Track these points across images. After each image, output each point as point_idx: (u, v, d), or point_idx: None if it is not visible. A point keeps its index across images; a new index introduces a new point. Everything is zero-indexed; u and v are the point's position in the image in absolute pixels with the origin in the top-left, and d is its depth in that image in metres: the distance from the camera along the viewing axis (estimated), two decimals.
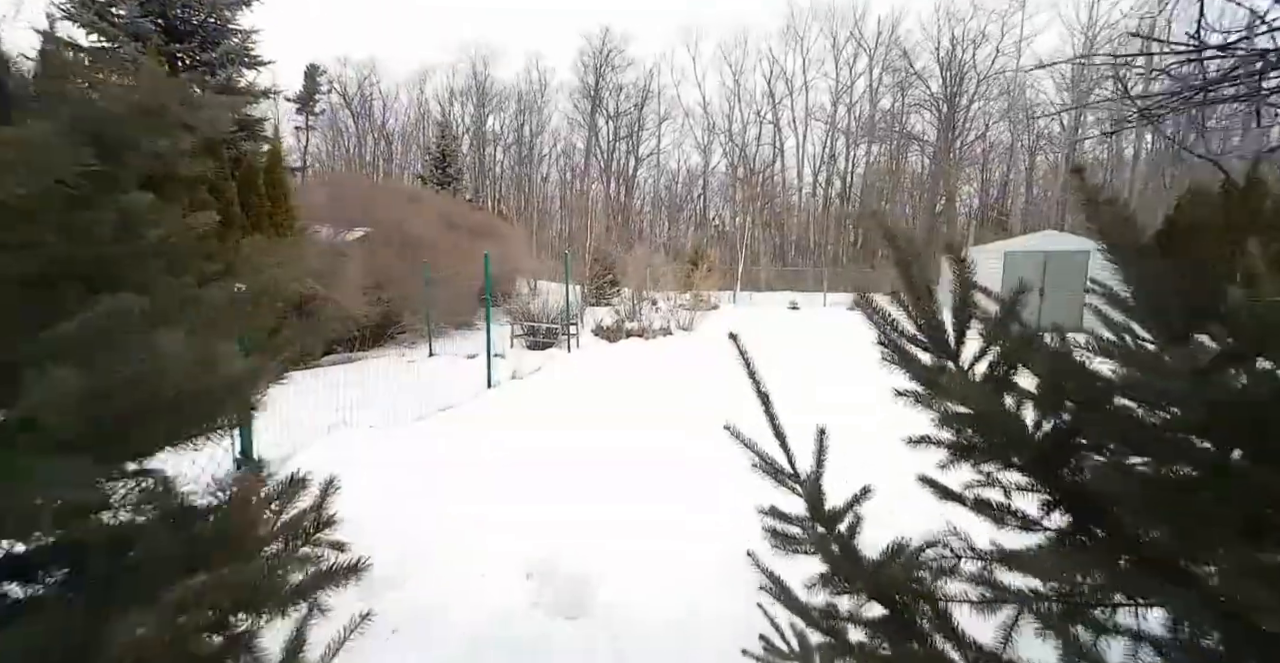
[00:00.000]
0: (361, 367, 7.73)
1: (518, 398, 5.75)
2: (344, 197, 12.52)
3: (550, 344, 10.36)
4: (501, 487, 3.14)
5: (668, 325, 12.78)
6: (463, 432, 4.21)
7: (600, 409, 5.20)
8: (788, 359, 8.59)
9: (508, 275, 15.59)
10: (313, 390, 4.89)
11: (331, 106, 34.21)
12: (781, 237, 35.17)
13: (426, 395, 5.63)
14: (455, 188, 20.07)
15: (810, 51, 37.40)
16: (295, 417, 3.97)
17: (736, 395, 5.20)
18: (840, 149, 37.27)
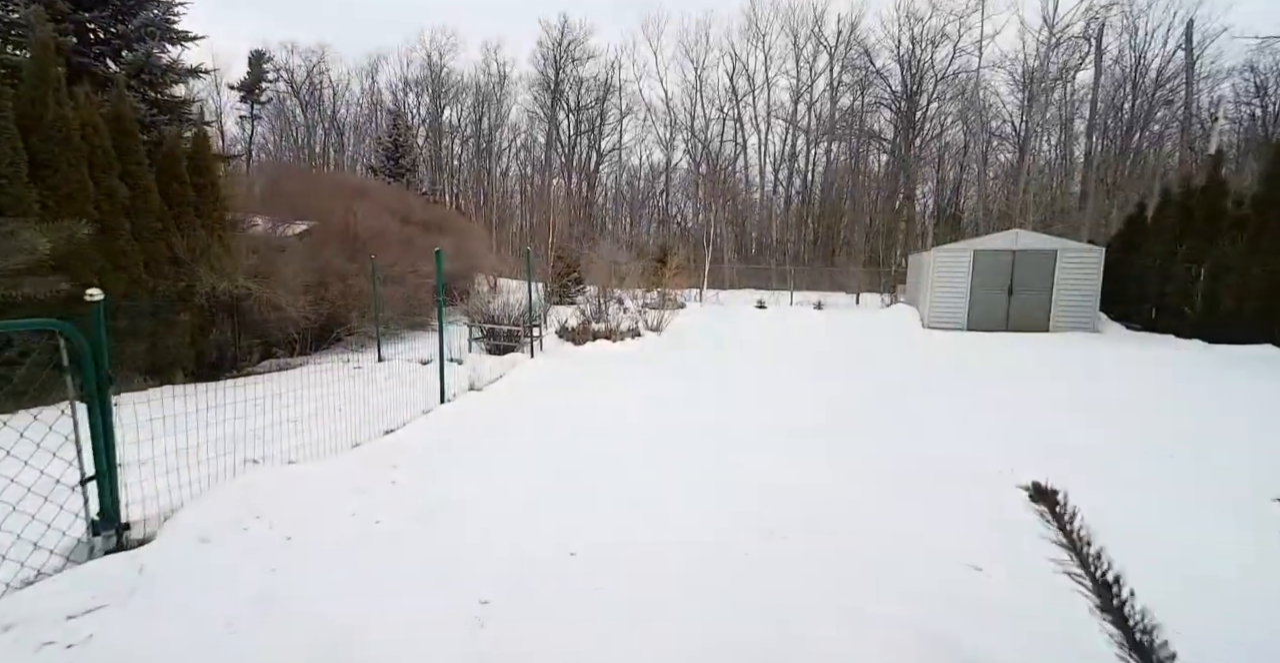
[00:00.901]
0: (299, 375, 7.13)
1: (475, 417, 5.35)
2: (285, 188, 11.70)
3: (512, 347, 9.92)
4: (437, 573, 2.39)
5: (636, 326, 12.50)
6: (405, 469, 3.75)
7: (572, 434, 4.84)
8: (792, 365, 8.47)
9: (465, 273, 14.97)
10: (233, 406, 4.38)
11: (279, 95, 32.36)
12: (744, 234, 35.46)
13: (370, 412, 5.18)
14: (409, 180, 19.18)
15: (772, 49, 37.85)
16: (206, 443, 3.49)
17: (725, 409, 4.94)
18: (801, 147, 37.91)
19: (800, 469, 3.90)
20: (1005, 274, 12.40)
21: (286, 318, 8.33)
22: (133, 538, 2.48)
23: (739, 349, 11.08)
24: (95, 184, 6.40)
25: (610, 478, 3.70)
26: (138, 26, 7.92)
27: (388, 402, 5.69)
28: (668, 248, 21.41)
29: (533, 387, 6.99)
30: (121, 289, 6.58)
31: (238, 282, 7.64)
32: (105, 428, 2.33)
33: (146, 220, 6.97)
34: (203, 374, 7.76)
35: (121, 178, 6.72)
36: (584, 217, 32.05)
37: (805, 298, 21.62)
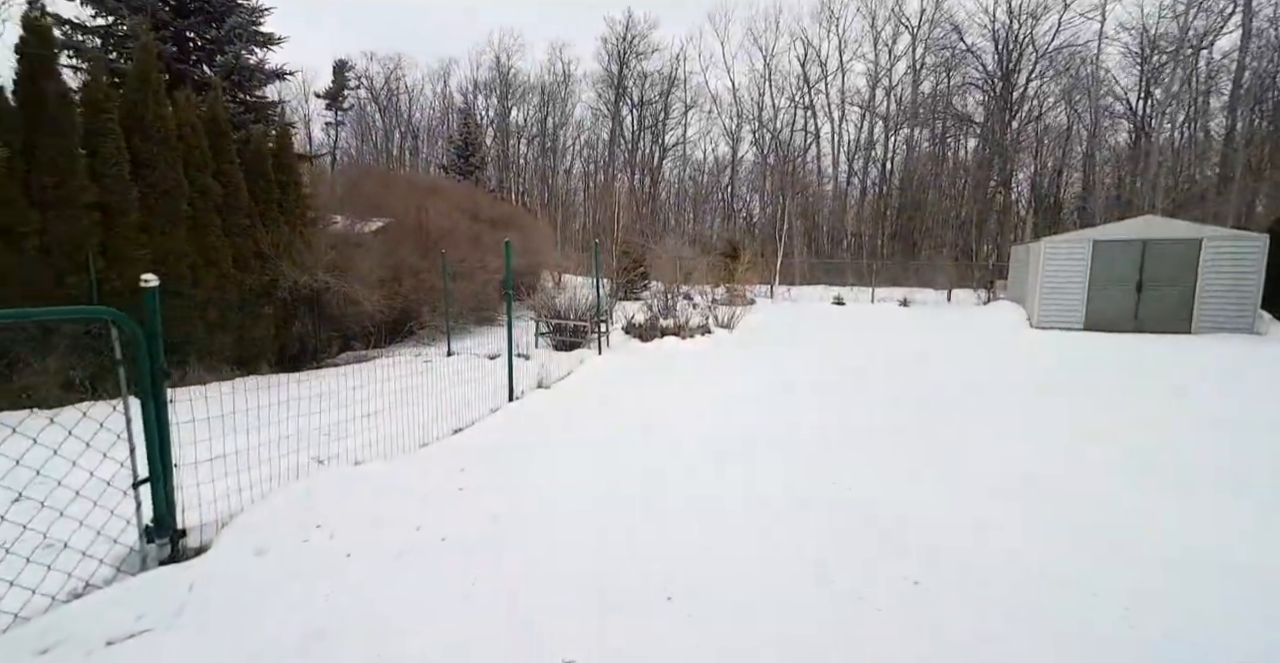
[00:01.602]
0: (373, 368, 7.17)
1: (543, 417, 5.06)
2: (363, 187, 12.10)
3: (578, 343, 9.69)
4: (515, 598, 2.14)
5: (706, 323, 11.97)
6: (472, 474, 3.48)
7: (645, 438, 4.46)
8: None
9: (531, 268, 14.99)
10: (308, 401, 4.29)
11: (359, 102, 34.31)
12: (816, 228, 33.84)
13: (438, 409, 5.01)
14: (478, 178, 19.58)
15: (847, 32, 35.95)
16: (277, 440, 3.35)
17: (808, 412, 4.29)
18: (879, 135, 35.74)
19: (911, 486, 3.28)
20: (1133, 267, 10.82)
21: (362, 312, 8.48)
22: (189, 546, 2.29)
23: (818, 348, 10.30)
24: (190, 182, 6.67)
25: (693, 493, 3.25)
26: (227, 30, 8.28)
27: (456, 398, 5.54)
28: (737, 242, 20.65)
29: (601, 385, 6.66)
30: (212, 283, 6.84)
31: (317, 276, 7.83)
32: (160, 426, 2.14)
33: (236, 217, 7.23)
34: (285, 365, 8.04)
35: (214, 176, 7.00)
36: (648, 212, 31.74)
37: (887, 294, 20.19)
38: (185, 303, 6.50)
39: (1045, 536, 2.73)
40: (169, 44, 7.97)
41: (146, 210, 6.20)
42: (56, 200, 5.40)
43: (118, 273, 5.85)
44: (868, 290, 21.08)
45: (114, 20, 7.71)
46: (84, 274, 5.56)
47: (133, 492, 2.09)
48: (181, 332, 6.43)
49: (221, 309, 6.95)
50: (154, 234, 6.25)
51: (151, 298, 2.12)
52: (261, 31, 9.08)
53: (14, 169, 5.16)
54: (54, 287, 5.37)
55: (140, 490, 2.11)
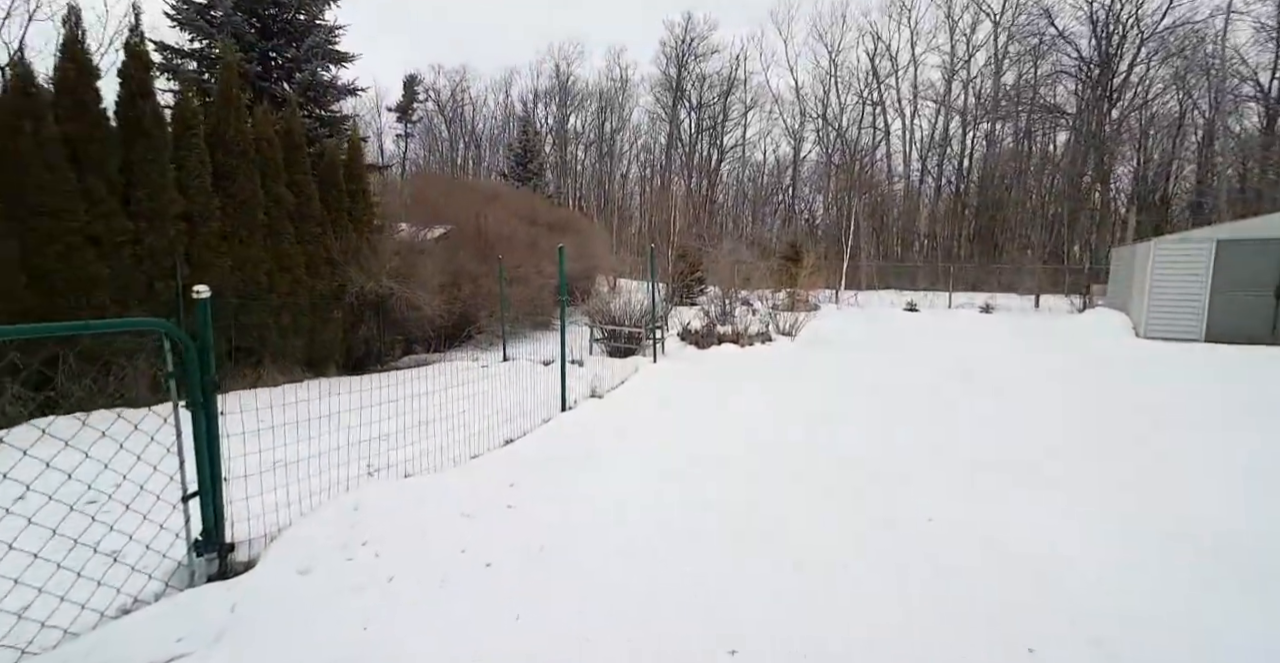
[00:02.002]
0: (432, 373, 7.30)
1: (596, 429, 4.92)
2: (428, 195, 12.55)
3: (633, 350, 9.54)
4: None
5: (766, 329, 11.55)
6: (522, 489, 3.37)
7: (702, 454, 4.24)
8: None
9: (587, 273, 15.06)
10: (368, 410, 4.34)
11: (428, 114, 36.04)
12: (885, 229, 32.26)
13: (491, 417, 4.99)
14: (536, 184, 19.99)
15: (919, 23, 34.16)
16: (333, 450, 3.36)
17: (882, 432, 3.86)
18: (955, 130, 33.72)
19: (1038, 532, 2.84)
20: (1271, 271, 9.47)
21: (423, 316, 8.71)
22: (238, 560, 2.28)
23: (889, 357, 9.65)
24: (265, 192, 7.06)
25: (764, 525, 2.97)
26: (305, 49, 8.75)
27: (510, 406, 5.51)
28: (799, 245, 19.95)
29: (656, 395, 6.45)
30: (285, 288, 7.20)
31: (382, 282, 8.11)
32: (210, 439, 2.13)
33: (308, 225, 7.59)
34: (351, 367, 8.36)
35: (288, 186, 7.38)
36: (705, 215, 31.38)
37: (967, 300, 18.89)
38: (261, 307, 6.86)
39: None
40: (254, 64, 8.55)
41: (226, 219, 6.59)
42: (149, 212, 5.82)
43: (200, 279, 6.23)
44: (943, 295, 19.81)
45: (207, 43, 8.34)
46: (171, 280, 5.96)
47: (182, 505, 2.08)
48: (256, 335, 6.80)
49: (294, 313, 7.30)
50: (233, 242, 6.63)
51: (204, 309, 2.11)
52: (336, 50, 9.58)
53: (114, 184, 5.60)
54: (145, 292, 5.78)
55: (189, 504, 2.09)
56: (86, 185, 5.40)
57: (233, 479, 2.44)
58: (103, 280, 5.45)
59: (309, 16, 9.10)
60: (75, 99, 5.39)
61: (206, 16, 8.27)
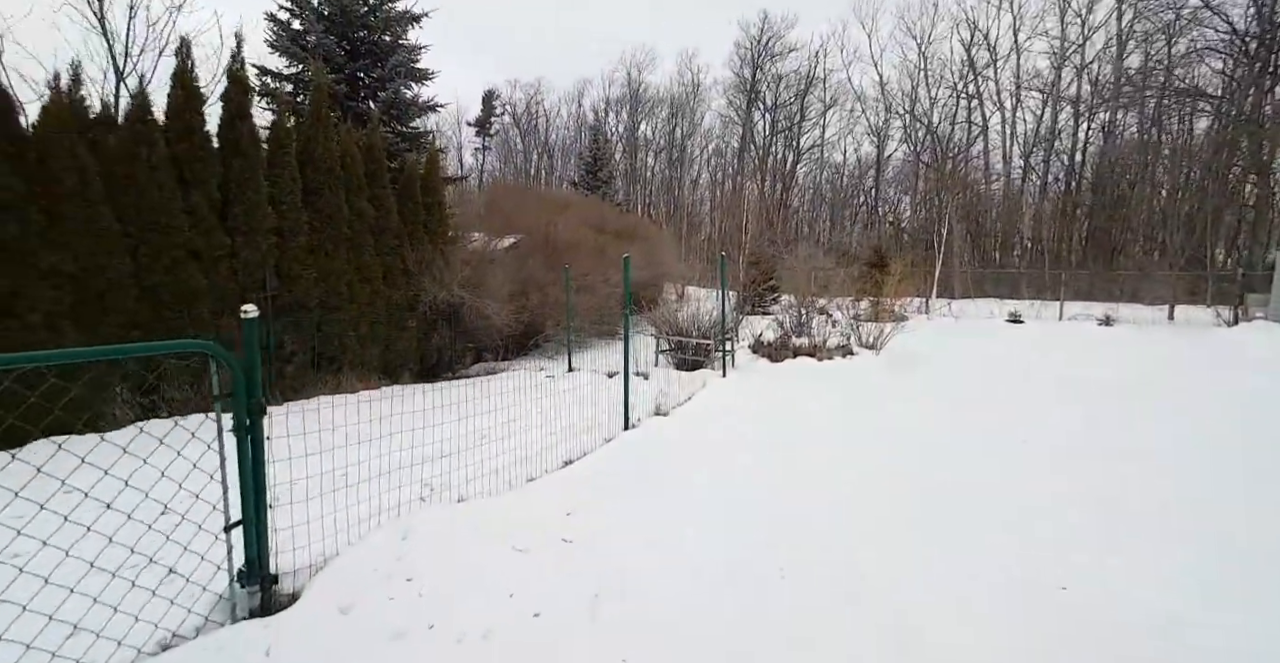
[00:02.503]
0: (498, 381, 7.33)
1: (661, 451, 4.63)
2: (500, 205, 12.91)
3: (701, 363, 9.20)
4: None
5: (847, 342, 10.81)
6: (579, 518, 3.14)
7: (783, 484, 3.85)
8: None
9: (654, 281, 14.89)
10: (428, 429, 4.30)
11: (504, 127, 37.66)
12: (981, 232, 29.79)
13: (552, 433, 4.85)
14: (604, 192, 20.18)
15: (1023, 8, 31.42)
16: (390, 471, 3.30)
17: (997, 466, 3.13)
18: (1065, 122, 30.64)
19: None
20: None
21: (491, 325, 8.84)
22: (282, 592, 2.19)
23: (993, 374, 8.69)
24: (349, 206, 7.41)
25: (854, 574, 2.56)
26: (389, 68, 9.19)
27: (571, 422, 5.37)
28: (884, 250, 18.78)
29: (726, 413, 6.08)
30: (365, 298, 7.51)
31: (453, 291, 8.31)
32: (255, 465, 2.06)
33: (386, 237, 7.91)
34: (424, 375, 8.62)
35: (369, 200, 7.72)
36: (779, 220, 30.43)
37: (1082, 310, 16.93)
38: (342, 317, 7.18)
39: None
40: (342, 84, 9.11)
41: (313, 233, 6.96)
42: (244, 227, 6.23)
43: (288, 290, 6.61)
44: (1053, 305, 17.84)
45: (302, 68, 8.97)
46: (262, 292, 6.34)
47: (224, 535, 2.01)
48: (337, 343, 7.12)
49: (372, 323, 7.61)
50: (319, 255, 6.99)
51: (250, 328, 2.05)
52: (417, 68, 10.04)
53: (214, 201, 6.04)
54: (238, 303, 6.15)
55: (232, 534, 2.02)
56: (191, 203, 5.86)
57: (289, 504, 2.39)
58: (203, 292, 5.86)
59: (393, 37, 9.59)
60: (184, 123, 5.87)
61: (301, 42, 8.90)
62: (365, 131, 7.96)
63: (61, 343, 4.83)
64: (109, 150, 5.32)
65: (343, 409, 4.20)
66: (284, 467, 2.67)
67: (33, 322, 4.69)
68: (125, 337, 5.26)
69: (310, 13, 8.89)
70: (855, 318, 14.34)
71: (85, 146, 5.09)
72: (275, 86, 8.97)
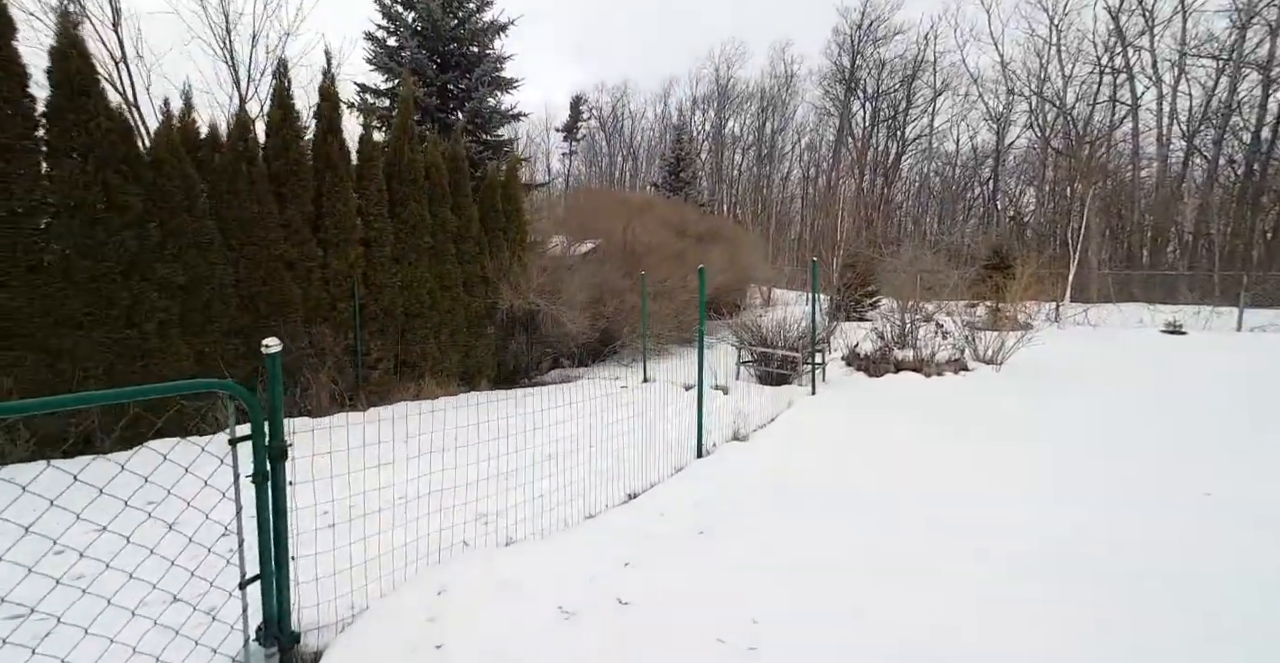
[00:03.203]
0: (571, 391, 7.17)
1: (737, 486, 4.15)
2: (581, 210, 12.92)
3: (787, 377, 8.53)
4: None
5: (960, 355, 9.61)
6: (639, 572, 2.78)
7: (897, 538, 3.24)
8: None
9: (737, 285, 14.26)
10: (493, 441, 4.14)
11: (590, 131, 38.37)
12: (1126, 227, 25.93)
13: (620, 454, 4.53)
14: (687, 193, 19.76)
15: None
16: (443, 510, 3.12)
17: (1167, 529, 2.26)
18: (1246, 93, 25.76)
19: None
20: None
21: (567, 333, 8.75)
22: (305, 651, 2.02)
23: (1154, 399, 7.20)
24: (432, 216, 7.59)
25: None
26: (475, 78, 9.38)
27: (642, 439, 5.05)
28: (1006, 250, 16.83)
29: (814, 440, 5.45)
30: (446, 306, 7.66)
31: (529, 299, 8.29)
32: (276, 514, 1.89)
33: (467, 245, 8.03)
34: (502, 381, 8.70)
35: (452, 209, 7.88)
36: (880, 216, 28.38)
37: (1268, 318, 14.15)
38: (424, 324, 7.36)
39: None
40: (433, 96, 9.44)
41: (398, 243, 7.17)
42: (335, 239, 6.51)
43: (374, 298, 6.84)
44: (1225, 312, 14.99)
45: (397, 82, 9.38)
46: (350, 300, 6.60)
47: (239, 592, 1.85)
48: (419, 350, 7.29)
49: (452, 330, 7.75)
50: (403, 264, 7.20)
51: (274, 364, 1.88)
52: (502, 77, 10.21)
53: (307, 214, 6.35)
54: (329, 311, 6.46)
55: (248, 590, 1.86)
56: (287, 216, 6.19)
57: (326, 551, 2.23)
58: (297, 301, 6.18)
59: (480, 48, 9.79)
60: (280, 140, 6.22)
61: (397, 58, 9.32)
62: (449, 142, 8.13)
63: (172, 349, 5.23)
64: (214, 168, 5.71)
65: (416, 418, 4.13)
66: (341, 483, 2.54)
67: (148, 330, 5.10)
68: (227, 344, 5.62)
69: (405, 29, 9.28)
70: (970, 326, 12.83)
71: (193, 165, 5.49)
72: (374, 102, 9.48)
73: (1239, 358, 10.31)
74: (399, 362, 7.08)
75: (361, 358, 6.66)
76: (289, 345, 5.99)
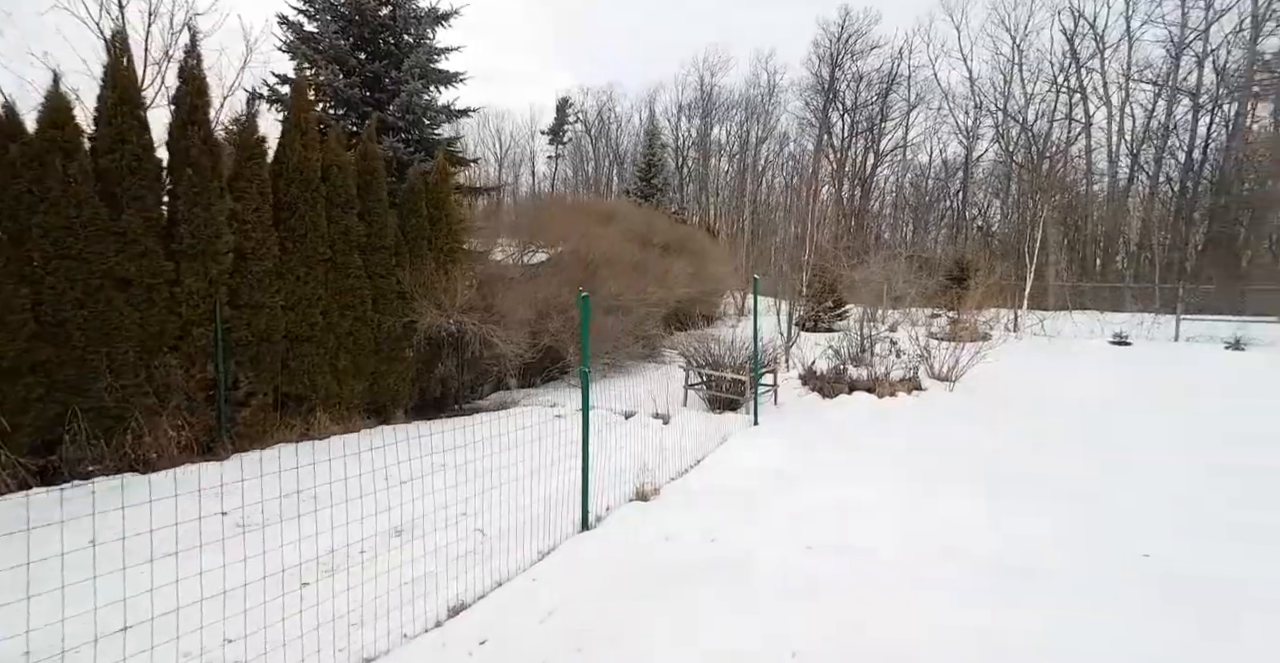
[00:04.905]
0: (495, 423, 5.59)
1: (621, 577, 2.73)
2: (538, 218, 11.32)
3: (737, 402, 7.08)
4: None
5: (913, 374, 8.24)
6: None
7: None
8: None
9: (704, 296, 12.77)
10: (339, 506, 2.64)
11: (576, 135, 36.31)
12: (1080, 238, 24.72)
13: (496, 524, 3.12)
14: (659, 200, 18.12)
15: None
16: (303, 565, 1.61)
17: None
18: (1183, 116, 24.78)
19: None
20: None
21: (499, 354, 7.20)
22: None
23: (1098, 426, 6.00)
24: (333, 223, 5.99)
25: None
26: (407, 70, 7.73)
27: (544, 495, 3.68)
28: (966, 261, 15.48)
29: (737, 498, 4.00)
30: (346, 327, 6.09)
31: (453, 317, 6.72)
32: None
33: (380, 256, 6.46)
34: (426, 410, 7.14)
35: (360, 216, 6.28)
36: (856, 226, 26.97)
37: (1204, 330, 13.03)
38: (315, 349, 5.78)
39: None
40: (358, 88, 7.76)
41: (284, 255, 5.58)
42: (192, 250, 4.90)
43: (246, 320, 5.25)
44: (1164, 322, 13.84)
45: (316, 72, 7.69)
46: (210, 324, 5.01)
47: None
48: (306, 380, 5.72)
49: (355, 355, 6.18)
50: (288, 279, 5.61)
51: None
52: (443, 70, 8.55)
53: (152, 220, 4.74)
54: (179, 338, 4.87)
55: None
56: (123, 223, 4.58)
57: None
58: (130, 327, 4.58)
59: (414, 37, 8.13)
60: (115, 130, 4.59)
61: (314, 45, 7.64)
62: (363, 140, 6.52)
63: None
64: (7, 162, 4.09)
65: (280, 468, 2.67)
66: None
67: None
68: (16, 384, 4.03)
69: (325, 13, 7.59)
70: (932, 335, 11.47)
71: None
72: (284, 94, 7.79)
73: (1174, 371, 9.41)
74: (280, 395, 5.50)
75: (226, 393, 5.08)
76: (111, 383, 4.41)
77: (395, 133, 7.75)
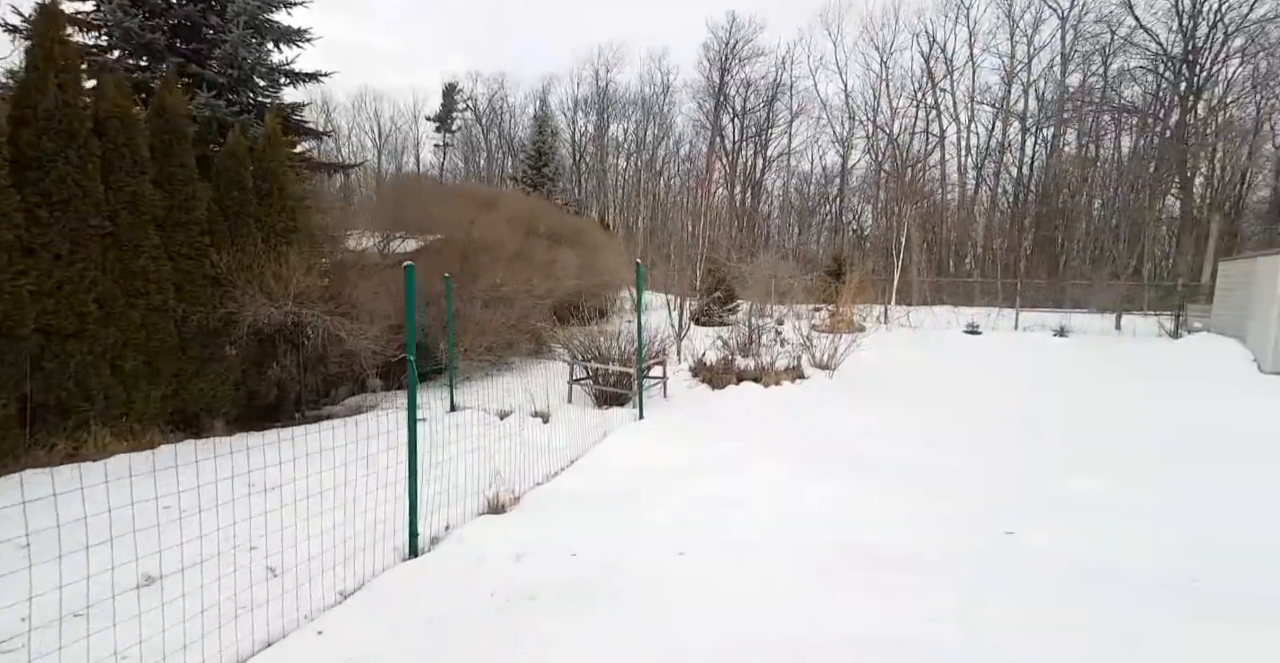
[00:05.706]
0: (340, 432, 4.82)
1: (455, 614, 2.33)
2: (405, 202, 10.35)
3: (624, 396, 6.90)
4: None
5: (798, 363, 8.65)
6: None
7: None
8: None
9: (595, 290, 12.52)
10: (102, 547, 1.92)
11: (466, 123, 34.41)
12: (938, 241, 28.12)
13: (323, 548, 2.59)
14: (550, 189, 17.62)
15: (978, 23, 29.88)
16: None
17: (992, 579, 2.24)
18: (1013, 136, 29.27)
19: None
20: None
21: (352, 352, 6.37)
22: None
23: (959, 407, 6.69)
24: (115, 189, 4.87)
25: None
26: (230, 19, 6.59)
27: (384, 514, 3.13)
28: (842, 258, 16.75)
29: (608, 499, 3.76)
30: (135, 319, 4.98)
31: (287, 308, 5.80)
32: None
33: (187, 233, 5.38)
34: (255, 418, 6.10)
35: (156, 183, 5.18)
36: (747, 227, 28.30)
37: (1037, 320, 15.28)
38: (89, 346, 4.64)
39: None
40: (162, 34, 6.45)
41: (34, 226, 4.41)
42: None
43: None
44: (1007, 314, 16.13)
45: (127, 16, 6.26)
46: None
47: None
48: (76, 385, 4.57)
49: (149, 353, 5.08)
50: (45, 257, 4.44)
51: None
52: (282, 24, 7.43)
53: None
54: None
55: None
56: None
57: None
58: None
59: None
60: None
61: None
62: (153, 94, 5.39)
63: None
64: None
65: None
66: None
67: None
68: None
69: None
70: (814, 327, 12.25)
71: None
72: (89, 45, 6.27)
73: (1016, 355, 10.90)
74: (30, 405, 4.34)
75: None
76: None
77: (218, 92, 6.56)
